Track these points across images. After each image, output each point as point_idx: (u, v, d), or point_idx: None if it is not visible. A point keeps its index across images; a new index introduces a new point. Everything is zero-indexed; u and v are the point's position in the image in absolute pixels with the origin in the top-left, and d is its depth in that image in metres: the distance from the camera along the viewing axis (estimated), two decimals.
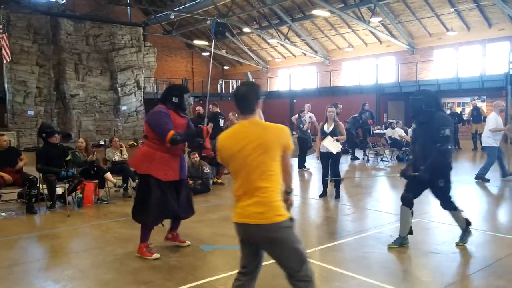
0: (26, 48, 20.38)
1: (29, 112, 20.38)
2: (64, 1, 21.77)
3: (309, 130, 11.63)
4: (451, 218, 4.81)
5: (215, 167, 9.19)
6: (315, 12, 21.08)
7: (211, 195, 8.10)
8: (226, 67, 34.04)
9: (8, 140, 7.29)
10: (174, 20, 24.16)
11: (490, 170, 8.68)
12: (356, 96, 21.41)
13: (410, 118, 4.99)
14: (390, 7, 20.96)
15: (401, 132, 13.24)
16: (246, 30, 26.61)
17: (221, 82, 30.25)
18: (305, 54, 27.75)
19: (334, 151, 7.30)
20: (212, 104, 10.38)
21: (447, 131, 4.38)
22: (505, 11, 18.03)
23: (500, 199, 7.64)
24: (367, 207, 7.09)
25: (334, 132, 7.37)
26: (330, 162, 7.45)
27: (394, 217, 6.07)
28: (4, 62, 18.64)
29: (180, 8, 23.03)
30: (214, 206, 7.18)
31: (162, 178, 4.44)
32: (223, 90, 29.80)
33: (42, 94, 21.19)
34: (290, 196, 2.86)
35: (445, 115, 4.63)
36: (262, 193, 2.55)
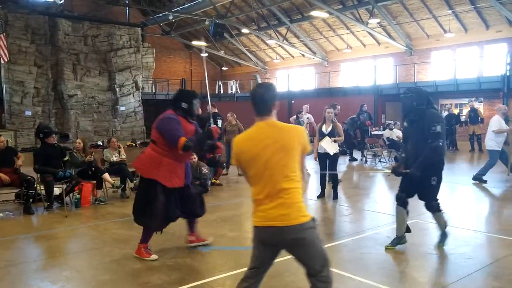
0: (24, 48, 20.35)
1: (26, 112, 20.36)
2: (62, 1, 21.75)
3: (307, 131, 11.62)
4: (433, 219, 4.82)
5: (213, 168, 9.18)
6: (314, 13, 21.09)
7: (209, 196, 8.07)
8: (224, 68, 34.04)
9: (5, 140, 7.27)
10: (173, 20, 24.14)
11: (491, 172, 8.68)
12: (354, 97, 21.45)
13: (401, 117, 4.97)
14: (388, 9, 21.01)
15: (399, 133, 13.25)
16: (245, 31, 26.62)
17: (219, 83, 30.25)
18: (303, 55, 27.78)
19: (332, 152, 7.32)
20: (210, 104, 10.36)
21: (438, 128, 4.37)
22: (502, 13, 18.09)
23: (497, 200, 7.66)
24: (365, 208, 7.10)
25: (332, 133, 7.38)
26: (328, 163, 7.46)
27: (391, 218, 6.07)
28: (1, 62, 18.64)
29: (178, 8, 23.02)
30: (212, 207, 7.16)
31: (168, 184, 4.43)
32: (222, 91, 29.81)
33: (40, 95, 21.15)
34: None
35: (436, 112, 4.61)
36: (286, 194, 2.53)
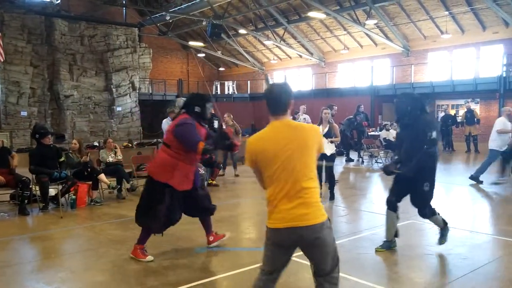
0: (20, 48, 20.28)
1: (22, 112, 20.28)
2: (58, 1, 21.68)
3: None
4: (431, 223, 4.79)
5: (210, 169, 9.16)
6: (311, 14, 21.12)
7: None
8: (221, 69, 34.03)
9: (1, 140, 7.24)
10: (170, 21, 24.10)
11: (486, 172, 8.68)
12: (351, 98, 21.47)
13: (395, 121, 4.95)
14: (385, 10, 21.06)
15: (395, 134, 13.29)
16: (242, 31, 26.62)
17: (216, 83, 30.23)
18: (300, 56, 27.80)
19: (328, 153, 7.31)
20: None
21: (434, 134, 4.37)
22: (499, 14, 18.16)
23: (493, 201, 7.68)
24: (361, 209, 7.10)
25: (329, 134, 7.38)
26: (324, 163, 7.45)
27: None
28: None
29: (175, 9, 22.99)
30: None
31: (178, 187, 4.44)
32: (219, 92, 29.79)
33: (36, 95, 21.08)
34: None
35: (430, 118, 4.64)
36: (305, 194, 2.51)
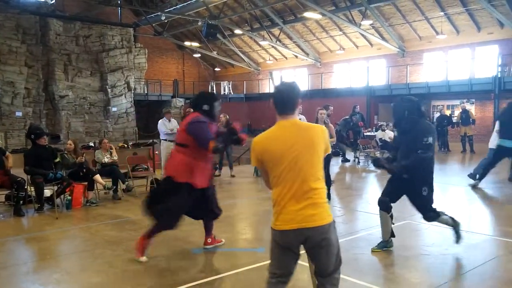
0: (14, 48, 20.17)
1: (17, 113, 20.17)
2: (53, 1, 21.57)
3: None
4: (439, 224, 4.77)
5: None
6: (307, 14, 21.15)
7: None
8: (217, 69, 34.01)
9: None
10: (165, 21, 24.08)
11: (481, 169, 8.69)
12: (347, 98, 21.52)
13: (393, 125, 4.92)
14: (381, 10, 21.12)
15: (391, 134, 13.31)
16: (238, 31, 26.63)
17: (212, 83, 30.21)
18: (296, 56, 27.82)
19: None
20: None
21: (430, 140, 4.36)
22: (493, 15, 18.26)
23: (489, 201, 7.71)
24: (358, 209, 7.11)
25: None
26: None
27: None
28: None
29: (171, 9, 22.95)
30: None
31: (198, 185, 4.47)
32: (214, 92, 29.77)
33: (31, 95, 20.97)
34: None
35: (428, 123, 4.60)
36: (314, 194, 2.48)
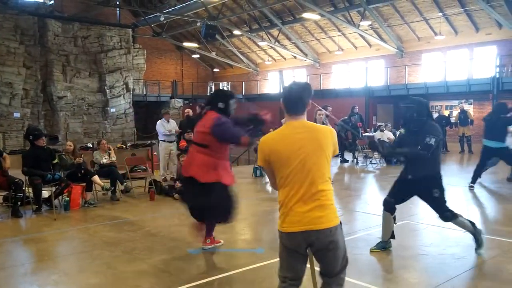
0: (12, 49, 20.13)
1: (15, 114, 20.12)
2: (52, 2, 21.56)
3: None
4: (456, 227, 4.69)
5: None
6: (305, 15, 21.16)
7: None
8: (216, 70, 34.00)
9: None
10: (164, 22, 24.07)
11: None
12: (345, 99, 21.52)
13: (400, 125, 4.90)
14: (379, 11, 21.14)
15: (390, 134, 13.33)
16: (237, 32, 26.63)
17: (211, 84, 30.20)
18: (295, 57, 27.84)
19: None
20: (198, 106, 10.34)
21: (432, 141, 4.35)
22: (492, 16, 18.29)
23: (487, 201, 7.71)
24: (356, 209, 7.11)
25: None
26: None
27: (381, 219, 6.09)
28: None
29: (169, 10, 22.94)
30: None
31: (231, 183, 4.59)
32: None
33: (29, 96, 20.93)
34: None
35: (435, 125, 4.57)
36: (322, 196, 2.47)
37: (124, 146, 11.45)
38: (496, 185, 8.85)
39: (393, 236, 4.74)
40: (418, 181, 4.48)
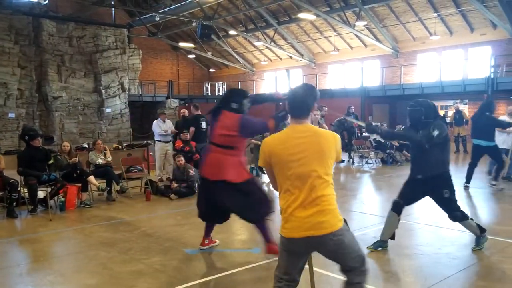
0: (7, 49, 20.02)
1: (10, 114, 20.01)
2: (46, 1, 21.45)
3: None
4: (451, 226, 4.74)
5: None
6: (301, 15, 21.19)
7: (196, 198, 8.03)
8: (212, 70, 33.98)
9: None
10: (159, 22, 24.01)
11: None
12: (341, 99, 21.56)
13: (408, 127, 4.86)
14: (375, 11, 21.20)
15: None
16: (232, 32, 26.62)
17: (207, 84, 30.19)
18: (291, 57, 27.86)
19: None
20: (193, 106, 10.31)
21: (435, 133, 4.34)
22: (486, 16, 18.39)
23: (481, 201, 7.76)
24: (352, 209, 7.13)
25: None
26: None
27: (378, 219, 6.12)
28: None
29: (165, 10, 22.89)
30: None
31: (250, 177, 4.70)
32: (209, 93, 29.73)
33: (24, 96, 20.82)
34: None
35: (442, 124, 4.56)
36: (322, 201, 2.44)
37: (120, 147, 11.38)
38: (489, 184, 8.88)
39: (393, 237, 4.75)
40: (427, 180, 4.48)
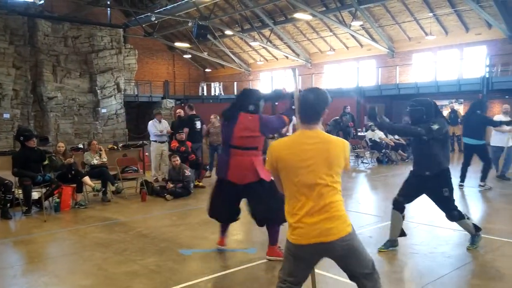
0: (2, 49, 19.90)
1: (5, 115, 19.90)
2: (41, 1, 21.37)
3: (288, 133, 11.68)
4: (460, 227, 4.74)
5: (196, 170, 9.12)
6: (297, 15, 21.20)
7: (192, 199, 8.04)
8: (208, 70, 33.94)
9: None
10: (155, 22, 23.96)
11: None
12: (337, 99, 21.55)
13: (410, 124, 4.88)
14: (370, 11, 21.25)
15: (381, 134, 13.40)
16: (228, 32, 26.59)
17: (202, 84, 30.14)
18: (287, 57, 27.88)
19: None
20: (187, 106, 10.29)
21: (436, 127, 4.36)
22: (481, 16, 18.47)
23: (476, 200, 7.78)
24: (348, 209, 7.11)
25: None
26: None
27: (374, 218, 6.14)
28: None
29: (161, 10, 22.85)
30: (195, 209, 7.13)
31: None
32: (205, 93, 29.69)
33: (19, 97, 20.71)
34: None
35: (442, 121, 4.58)
36: (331, 208, 2.42)
37: (115, 147, 11.35)
38: (488, 183, 8.91)
39: (403, 234, 4.75)
40: (432, 177, 4.49)
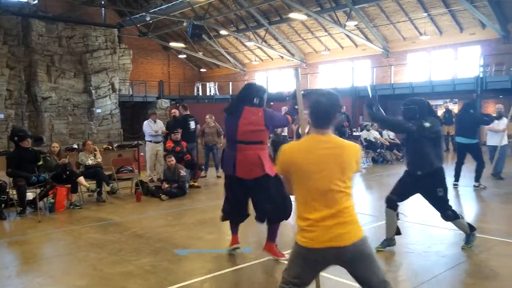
0: None
1: None
2: (35, 1, 21.24)
3: (283, 133, 11.71)
4: (454, 226, 4.76)
5: (191, 170, 9.11)
6: (292, 15, 21.22)
7: (187, 199, 8.02)
8: (203, 70, 33.89)
9: None
10: (150, 21, 23.89)
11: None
12: None
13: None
14: (365, 11, 21.31)
15: (376, 134, 13.45)
16: (223, 32, 26.58)
17: (198, 84, 30.09)
18: (282, 57, 27.90)
19: None
20: (181, 106, 10.28)
21: (427, 125, 4.39)
22: (475, 16, 18.58)
23: (471, 200, 7.82)
24: None
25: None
26: None
27: (369, 218, 6.15)
28: None
29: (156, 9, 22.79)
30: (190, 209, 7.12)
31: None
32: (200, 93, 29.65)
33: (13, 97, 20.60)
34: None
35: (436, 119, 4.60)
36: (343, 213, 2.39)
37: (110, 147, 11.30)
38: (484, 182, 8.96)
39: (398, 232, 4.77)
40: (426, 176, 4.50)
